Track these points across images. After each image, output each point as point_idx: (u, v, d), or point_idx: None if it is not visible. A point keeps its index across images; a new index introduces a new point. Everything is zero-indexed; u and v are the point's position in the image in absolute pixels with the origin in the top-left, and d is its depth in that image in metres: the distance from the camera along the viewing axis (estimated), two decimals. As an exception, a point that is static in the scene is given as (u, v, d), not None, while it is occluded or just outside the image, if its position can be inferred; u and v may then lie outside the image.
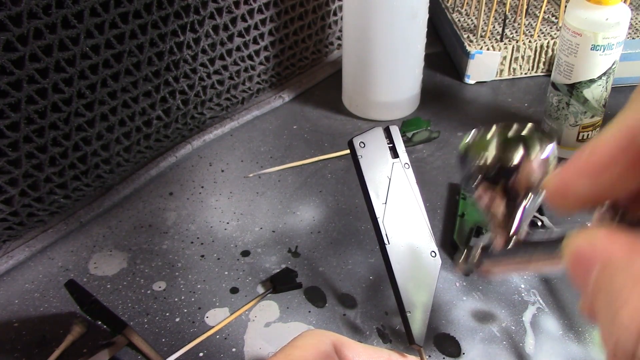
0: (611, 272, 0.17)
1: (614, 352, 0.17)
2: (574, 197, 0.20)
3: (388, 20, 0.65)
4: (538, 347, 0.47)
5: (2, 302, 0.52)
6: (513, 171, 0.26)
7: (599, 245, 0.18)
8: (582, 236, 0.19)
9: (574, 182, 0.20)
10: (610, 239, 0.18)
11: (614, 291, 0.17)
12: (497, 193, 0.27)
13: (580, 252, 0.19)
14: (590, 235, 0.19)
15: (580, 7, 0.59)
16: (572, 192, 0.20)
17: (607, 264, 0.18)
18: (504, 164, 0.26)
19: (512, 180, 0.26)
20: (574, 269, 0.19)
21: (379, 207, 0.39)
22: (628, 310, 0.16)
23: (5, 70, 0.48)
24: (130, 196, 0.63)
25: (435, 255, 0.41)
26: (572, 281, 0.19)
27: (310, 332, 0.36)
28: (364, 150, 0.39)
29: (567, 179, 0.20)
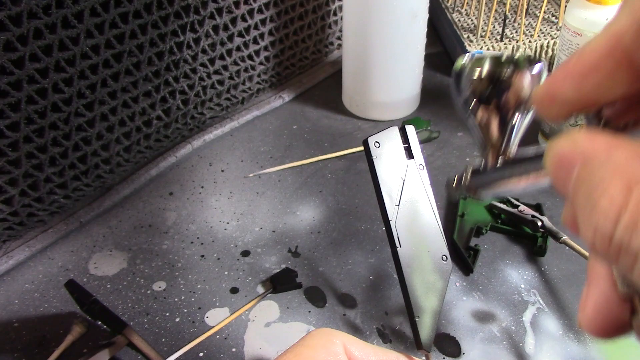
0: (591, 167, 0.18)
1: (592, 241, 0.17)
2: (561, 101, 0.20)
3: (388, 20, 0.65)
4: (538, 347, 0.47)
5: (2, 302, 0.52)
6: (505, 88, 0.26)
7: (580, 145, 0.18)
8: (563, 138, 0.19)
9: (561, 86, 0.20)
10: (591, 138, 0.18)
11: (594, 183, 0.17)
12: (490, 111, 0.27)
13: (562, 153, 0.19)
14: (572, 137, 0.19)
15: (580, 7, 0.59)
16: (560, 97, 0.20)
17: (588, 160, 0.18)
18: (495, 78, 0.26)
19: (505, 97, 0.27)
20: (556, 171, 0.19)
21: (391, 209, 0.39)
22: (607, 197, 0.16)
23: (5, 70, 0.48)
24: (130, 196, 0.63)
25: (446, 260, 0.40)
26: (555, 184, 0.20)
27: (320, 331, 0.36)
28: (379, 150, 0.39)
29: (554, 84, 0.21)
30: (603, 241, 0.17)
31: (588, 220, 0.17)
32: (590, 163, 0.18)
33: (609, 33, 0.19)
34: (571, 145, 0.19)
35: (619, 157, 0.17)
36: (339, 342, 0.35)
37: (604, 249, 0.17)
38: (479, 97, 0.27)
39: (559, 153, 0.19)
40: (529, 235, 0.56)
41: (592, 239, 0.17)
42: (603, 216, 0.16)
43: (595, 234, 0.17)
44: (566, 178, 0.19)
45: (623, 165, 0.17)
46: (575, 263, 0.53)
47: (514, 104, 0.27)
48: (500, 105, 0.27)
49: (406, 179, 0.39)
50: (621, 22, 0.19)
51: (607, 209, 0.16)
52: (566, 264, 0.53)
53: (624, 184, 0.16)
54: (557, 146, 0.19)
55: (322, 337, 0.35)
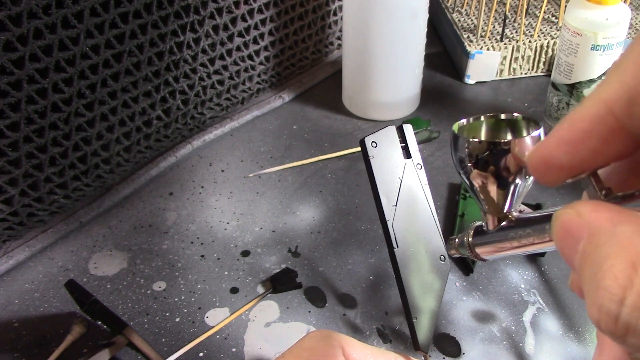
0: (597, 241, 0.18)
1: (598, 319, 0.17)
2: (557, 167, 0.21)
3: (388, 20, 0.65)
4: (538, 347, 0.47)
5: (2, 302, 0.52)
6: (503, 152, 0.26)
7: (586, 217, 0.19)
8: (569, 210, 0.19)
9: (556, 153, 0.20)
10: (595, 210, 0.18)
11: (599, 259, 0.17)
12: (489, 174, 0.27)
13: (568, 225, 0.19)
14: (577, 208, 0.19)
15: (580, 7, 0.59)
16: (555, 163, 0.21)
17: (593, 234, 0.18)
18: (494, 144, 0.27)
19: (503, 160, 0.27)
20: (563, 242, 0.19)
21: (389, 209, 0.39)
22: (612, 275, 0.16)
23: (5, 70, 0.48)
24: (130, 196, 0.63)
25: (444, 260, 0.40)
26: (562, 255, 0.20)
27: (318, 333, 0.36)
28: (376, 150, 0.39)
29: (548, 149, 0.21)
30: (608, 321, 0.16)
31: (593, 298, 0.17)
32: (595, 238, 0.18)
33: (599, 100, 0.19)
34: (576, 217, 0.19)
35: (624, 232, 0.17)
36: (337, 344, 0.35)
37: (610, 329, 0.17)
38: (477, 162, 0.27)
39: (565, 224, 0.19)
40: (529, 235, 0.55)
41: (598, 318, 0.17)
42: (607, 296, 0.16)
43: (601, 314, 0.17)
44: (573, 250, 0.19)
45: (627, 241, 0.17)
46: (575, 263, 0.53)
47: (515, 169, 0.27)
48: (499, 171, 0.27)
49: (404, 179, 0.39)
50: (611, 91, 0.19)
51: (612, 289, 0.16)
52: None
53: (628, 262, 0.16)
54: (562, 217, 0.19)
55: (320, 339, 0.35)
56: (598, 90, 0.19)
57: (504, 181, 0.27)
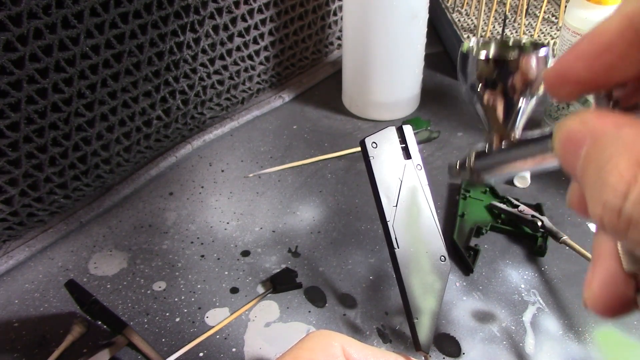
0: (600, 144, 0.18)
1: (601, 215, 0.17)
2: (573, 82, 0.21)
3: (388, 21, 0.65)
4: (538, 347, 0.47)
5: (2, 302, 0.52)
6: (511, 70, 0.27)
7: (590, 123, 0.19)
8: (572, 118, 0.19)
9: (573, 67, 0.20)
10: (600, 117, 0.18)
11: (603, 160, 0.17)
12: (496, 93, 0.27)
13: (571, 132, 0.19)
14: (581, 116, 0.19)
15: (580, 7, 0.59)
16: (571, 77, 0.21)
17: (596, 138, 0.18)
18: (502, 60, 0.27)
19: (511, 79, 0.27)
20: (565, 150, 0.19)
21: (389, 210, 0.39)
22: (616, 173, 0.17)
23: (5, 70, 0.48)
24: (130, 196, 0.63)
25: (444, 260, 0.40)
26: (563, 163, 0.20)
27: (318, 333, 0.36)
28: (376, 150, 0.39)
29: (566, 64, 0.21)
30: (612, 216, 0.17)
31: (597, 196, 0.17)
32: (599, 141, 0.18)
33: (621, 14, 0.19)
34: (580, 124, 0.19)
35: (628, 134, 0.17)
36: (337, 344, 0.35)
37: (613, 224, 0.17)
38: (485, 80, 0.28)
39: (567, 132, 0.19)
40: (529, 235, 0.56)
41: (601, 215, 0.17)
42: (612, 192, 0.17)
43: (604, 210, 0.17)
44: (575, 157, 0.19)
45: (632, 142, 0.17)
46: (575, 263, 0.53)
47: (521, 87, 0.27)
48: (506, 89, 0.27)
49: (404, 180, 0.39)
50: (633, 3, 0.19)
51: (616, 185, 0.17)
52: (566, 264, 0.53)
53: (632, 160, 0.16)
54: (565, 125, 0.19)
55: (320, 339, 0.35)
56: (620, 6, 0.19)
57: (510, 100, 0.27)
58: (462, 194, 0.60)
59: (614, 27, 0.19)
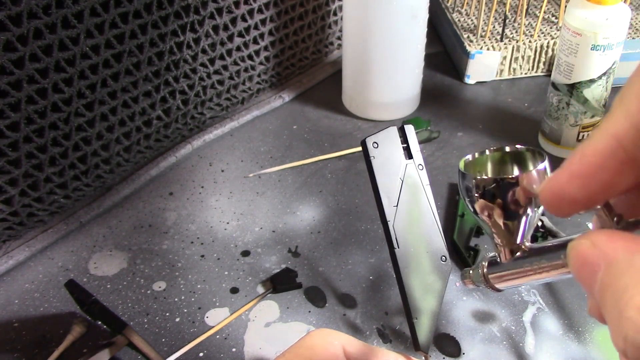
0: (615, 271, 0.18)
1: (624, 349, 0.17)
2: (569, 201, 0.21)
3: (388, 21, 0.65)
4: (538, 347, 0.47)
5: (2, 302, 0.52)
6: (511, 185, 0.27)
7: (602, 247, 0.19)
8: (584, 240, 0.20)
9: (568, 187, 0.21)
10: (611, 240, 0.19)
11: (619, 289, 0.17)
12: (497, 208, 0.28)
13: (584, 256, 0.20)
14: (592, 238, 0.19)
15: (580, 7, 0.59)
16: (567, 196, 0.21)
17: (611, 264, 0.18)
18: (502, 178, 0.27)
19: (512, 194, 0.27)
20: (580, 272, 0.20)
21: (389, 210, 0.38)
22: (634, 305, 0.17)
23: (5, 70, 0.48)
24: (130, 196, 0.63)
25: (445, 260, 0.40)
26: (581, 283, 0.20)
27: (319, 332, 0.36)
28: (377, 150, 0.38)
29: (560, 184, 0.21)
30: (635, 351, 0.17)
31: (617, 328, 0.17)
32: (614, 268, 0.18)
33: (608, 134, 0.19)
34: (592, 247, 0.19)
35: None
36: (337, 343, 0.35)
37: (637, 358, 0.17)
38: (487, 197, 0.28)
39: (581, 255, 0.20)
40: (529, 235, 0.56)
41: (624, 348, 0.17)
42: (632, 326, 0.17)
43: (626, 343, 0.17)
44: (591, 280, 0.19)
45: None
46: (575, 263, 0.53)
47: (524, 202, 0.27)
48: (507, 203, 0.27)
49: (405, 180, 0.39)
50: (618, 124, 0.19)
51: (635, 319, 0.17)
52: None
53: None
54: (578, 248, 0.20)
55: (321, 338, 0.35)
56: (605, 124, 0.20)
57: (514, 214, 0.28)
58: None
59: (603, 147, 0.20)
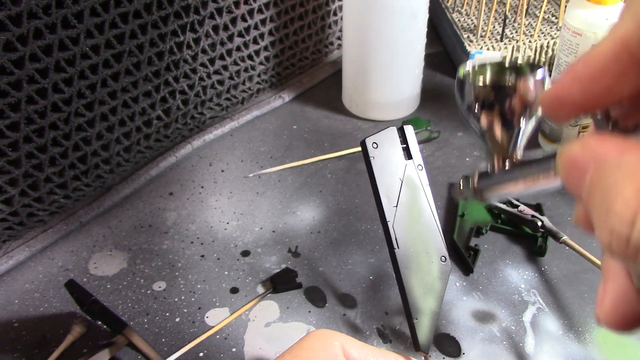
0: (604, 170, 0.18)
1: (609, 243, 0.17)
2: (570, 104, 0.21)
3: (388, 21, 0.65)
4: (538, 347, 0.47)
5: (2, 302, 0.52)
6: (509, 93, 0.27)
7: (592, 148, 0.19)
8: (575, 143, 0.20)
9: (569, 89, 0.21)
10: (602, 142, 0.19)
11: (608, 187, 0.18)
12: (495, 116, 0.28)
13: (574, 157, 0.19)
14: (583, 141, 0.19)
15: (580, 7, 0.59)
16: (568, 100, 0.21)
17: (600, 163, 0.18)
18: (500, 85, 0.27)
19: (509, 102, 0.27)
20: (569, 175, 0.20)
21: (389, 210, 0.38)
22: (621, 200, 0.17)
23: (5, 70, 0.48)
24: (130, 196, 0.63)
25: (445, 261, 0.40)
26: (568, 188, 0.20)
27: (318, 332, 0.36)
28: (377, 151, 0.39)
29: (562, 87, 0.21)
30: (620, 244, 0.17)
31: (604, 223, 0.17)
32: (603, 167, 0.18)
33: (615, 37, 0.20)
34: (583, 149, 0.19)
35: (631, 160, 0.17)
36: (337, 344, 0.35)
37: (621, 251, 0.17)
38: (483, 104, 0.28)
39: (571, 157, 0.20)
40: (529, 235, 0.56)
41: (609, 242, 0.17)
42: (618, 219, 0.17)
43: (612, 237, 0.17)
44: (579, 182, 0.19)
45: (635, 168, 0.17)
46: (575, 263, 0.53)
47: (519, 110, 0.27)
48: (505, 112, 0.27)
49: (404, 180, 0.39)
50: (626, 26, 0.19)
51: (622, 212, 0.17)
52: (566, 264, 0.53)
53: (637, 187, 0.17)
54: (568, 150, 0.20)
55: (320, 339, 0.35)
56: (613, 29, 0.20)
57: (509, 122, 0.28)
58: (462, 194, 0.60)
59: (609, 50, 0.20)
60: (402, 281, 0.39)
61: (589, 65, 0.20)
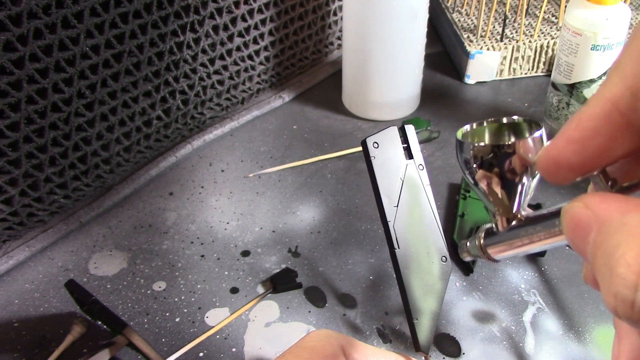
0: (607, 231, 0.18)
1: (615, 306, 0.17)
2: (566, 166, 0.21)
3: (388, 21, 0.65)
4: (538, 347, 0.47)
5: (2, 302, 0.52)
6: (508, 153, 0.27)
7: (594, 209, 0.19)
8: (577, 202, 0.20)
9: (564, 153, 0.21)
10: (603, 201, 0.19)
11: (611, 248, 0.18)
12: (495, 176, 0.28)
13: (577, 217, 0.20)
14: (585, 201, 0.20)
15: (580, 7, 0.59)
16: (563, 163, 0.21)
17: (603, 224, 0.19)
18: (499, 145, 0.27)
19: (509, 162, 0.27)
20: (574, 235, 0.20)
21: (390, 210, 0.38)
22: (624, 262, 0.17)
23: (5, 70, 0.48)
24: (130, 196, 0.63)
25: (445, 261, 0.40)
26: (574, 247, 0.20)
27: (318, 332, 0.36)
28: (377, 150, 0.38)
29: (557, 149, 0.21)
30: (625, 307, 0.17)
31: (608, 286, 0.17)
32: (605, 228, 0.18)
33: (604, 98, 0.20)
34: (585, 209, 0.19)
35: (633, 222, 0.17)
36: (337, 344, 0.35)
37: (627, 315, 0.17)
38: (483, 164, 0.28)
39: (574, 217, 0.20)
40: (529, 235, 0.56)
41: (614, 305, 0.17)
42: (622, 283, 0.17)
43: (617, 301, 0.17)
44: (584, 242, 0.19)
45: (636, 229, 0.17)
46: (575, 263, 0.53)
47: (520, 170, 0.27)
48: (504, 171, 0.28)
49: (405, 180, 0.39)
50: (614, 88, 0.19)
51: (626, 276, 0.17)
52: (566, 264, 0.53)
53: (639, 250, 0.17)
54: (571, 211, 0.20)
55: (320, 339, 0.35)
56: (601, 89, 0.20)
57: (510, 182, 0.28)
58: (462, 194, 0.60)
59: (599, 111, 0.20)
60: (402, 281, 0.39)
61: (581, 126, 0.20)
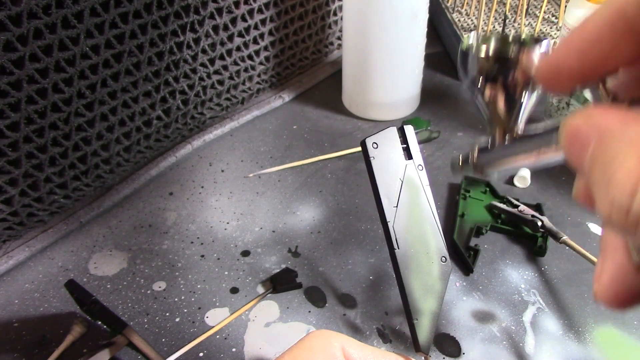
0: (607, 141, 0.18)
1: (609, 214, 0.17)
2: (566, 74, 0.21)
3: (388, 21, 0.65)
4: (538, 347, 0.47)
5: (2, 302, 0.52)
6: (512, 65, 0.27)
7: (595, 120, 0.19)
8: (578, 115, 0.20)
9: (565, 60, 0.21)
10: (605, 113, 0.19)
11: (610, 158, 0.17)
12: (497, 89, 0.28)
13: (577, 129, 0.19)
14: (586, 112, 0.19)
15: (580, 7, 0.59)
16: (564, 70, 0.21)
17: (603, 135, 0.18)
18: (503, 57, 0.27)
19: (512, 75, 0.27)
20: (571, 147, 0.20)
21: (389, 210, 0.38)
22: (623, 170, 0.17)
23: (5, 70, 0.48)
24: (130, 196, 0.63)
25: (445, 261, 0.40)
26: (570, 160, 0.20)
27: (318, 333, 0.36)
28: (377, 151, 0.38)
29: (557, 57, 0.21)
30: (620, 214, 0.17)
31: (604, 194, 0.17)
32: (606, 138, 0.18)
33: (612, 5, 0.19)
34: (586, 120, 0.19)
35: (634, 132, 0.17)
36: (337, 344, 0.35)
37: (621, 222, 0.17)
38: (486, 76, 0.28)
39: (573, 128, 0.19)
40: (529, 235, 0.56)
41: (609, 212, 0.17)
42: (619, 190, 0.17)
43: (612, 208, 0.17)
44: (581, 153, 0.19)
45: (638, 139, 0.17)
46: (575, 263, 0.53)
47: (522, 82, 0.27)
48: (507, 83, 0.27)
49: (405, 180, 0.39)
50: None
51: (624, 183, 0.17)
52: (566, 264, 0.53)
53: (639, 158, 0.16)
54: (571, 122, 0.20)
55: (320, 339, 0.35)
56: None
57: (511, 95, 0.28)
58: (462, 194, 0.60)
59: (604, 18, 0.19)
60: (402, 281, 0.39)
61: (583, 32, 0.20)
